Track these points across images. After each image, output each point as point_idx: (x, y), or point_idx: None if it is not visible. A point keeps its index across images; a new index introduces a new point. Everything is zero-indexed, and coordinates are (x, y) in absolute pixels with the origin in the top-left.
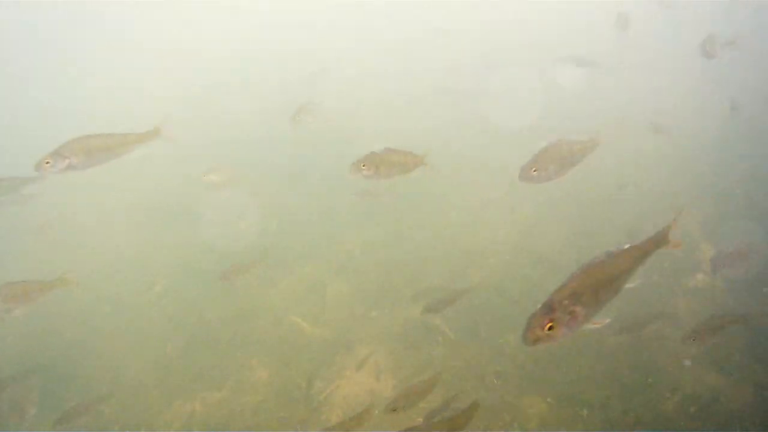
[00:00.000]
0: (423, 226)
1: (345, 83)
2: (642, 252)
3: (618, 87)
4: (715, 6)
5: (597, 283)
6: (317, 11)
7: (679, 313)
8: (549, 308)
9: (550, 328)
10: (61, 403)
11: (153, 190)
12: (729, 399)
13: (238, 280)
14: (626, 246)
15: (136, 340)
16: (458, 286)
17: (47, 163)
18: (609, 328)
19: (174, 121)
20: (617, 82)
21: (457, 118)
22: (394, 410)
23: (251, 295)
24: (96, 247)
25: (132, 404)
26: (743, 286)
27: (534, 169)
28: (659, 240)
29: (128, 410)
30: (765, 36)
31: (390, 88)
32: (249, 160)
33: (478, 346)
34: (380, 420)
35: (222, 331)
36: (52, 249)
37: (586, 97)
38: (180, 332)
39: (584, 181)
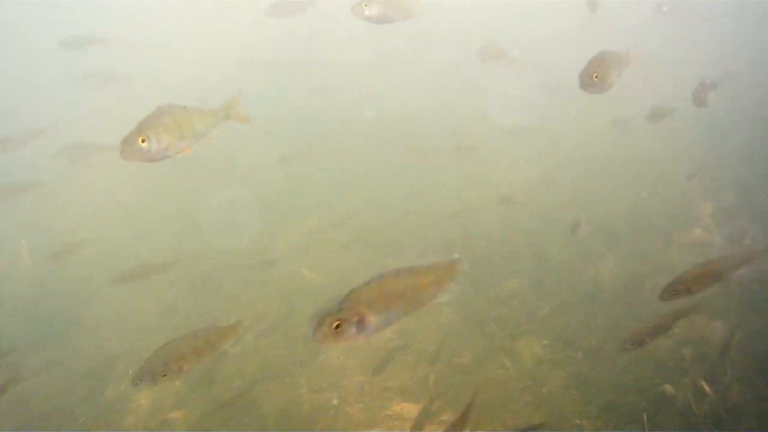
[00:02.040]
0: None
1: None
2: (436, 278)
3: None
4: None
5: (391, 295)
6: None
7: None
8: (339, 310)
9: (337, 327)
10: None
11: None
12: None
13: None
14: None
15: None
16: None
17: (143, 141)
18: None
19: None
20: None
21: None
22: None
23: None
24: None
25: (138, 344)
26: None
27: (595, 75)
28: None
29: (135, 347)
30: None
31: None
32: None
33: (478, 294)
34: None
35: (227, 275)
36: None
37: None
38: (193, 276)
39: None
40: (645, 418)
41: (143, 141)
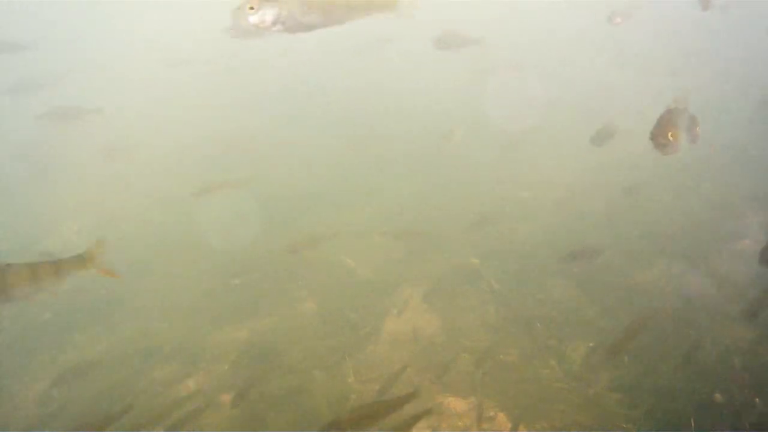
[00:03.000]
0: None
1: None
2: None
3: None
4: None
5: None
6: None
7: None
8: None
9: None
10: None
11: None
12: None
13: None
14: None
15: (187, 269)
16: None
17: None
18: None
19: None
20: None
21: None
22: None
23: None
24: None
25: (182, 327)
26: None
27: (670, 134)
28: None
29: (178, 332)
30: None
31: None
32: None
33: (524, 294)
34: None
35: (272, 263)
36: None
37: None
38: (236, 262)
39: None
40: (693, 423)
41: None
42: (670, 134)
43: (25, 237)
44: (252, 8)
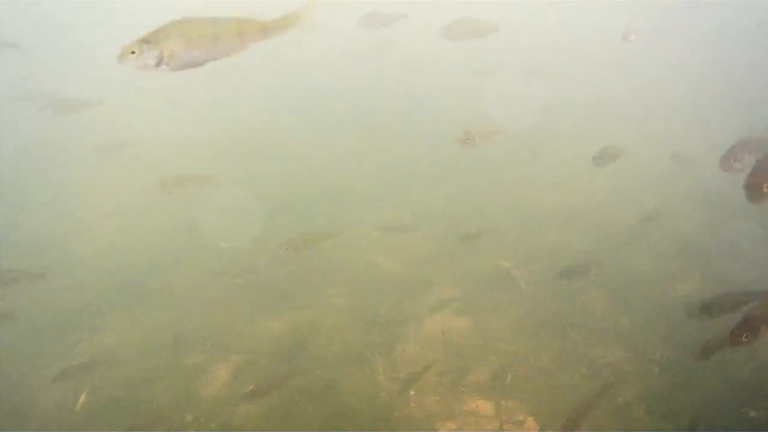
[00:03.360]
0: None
1: None
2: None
3: None
4: None
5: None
6: None
7: None
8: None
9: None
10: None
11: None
12: None
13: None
14: None
15: (219, 262)
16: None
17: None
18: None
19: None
20: None
21: None
22: None
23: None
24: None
25: (219, 317)
26: None
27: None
28: None
29: (215, 321)
30: None
31: None
32: None
33: (556, 300)
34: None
35: (308, 259)
36: None
37: None
38: (268, 257)
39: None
40: None
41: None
42: (766, 185)
43: None
44: (133, 53)
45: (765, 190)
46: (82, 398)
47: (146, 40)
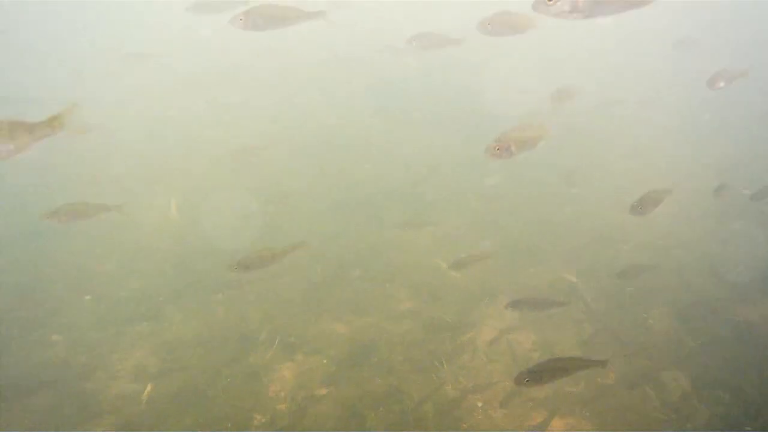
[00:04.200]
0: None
1: None
2: None
3: None
4: None
5: None
6: None
7: None
8: None
9: None
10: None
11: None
12: None
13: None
14: None
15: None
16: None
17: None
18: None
19: None
20: None
21: None
22: None
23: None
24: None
25: (281, 318)
26: None
27: None
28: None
29: (277, 322)
30: None
31: None
32: None
33: (621, 317)
34: None
35: (371, 261)
36: None
37: None
38: (331, 257)
39: None
40: None
41: None
42: None
43: None
44: None
45: None
46: (148, 389)
47: None
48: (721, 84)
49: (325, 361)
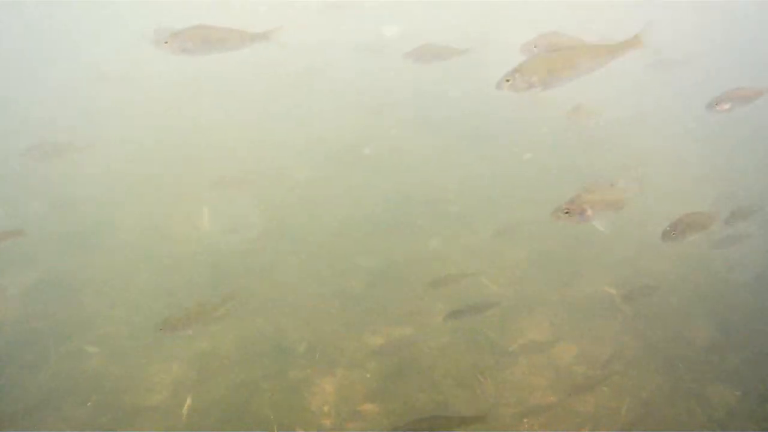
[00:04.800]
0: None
1: None
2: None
3: None
4: None
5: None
6: None
7: None
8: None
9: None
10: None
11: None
12: None
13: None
14: None
15: (318, 272)
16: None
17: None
18: None
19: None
20: None
21: None
22: None
23: (434, 245)
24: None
25: (319, 331)
26: None
27: None
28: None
29: (314, 335)
30: None
31: None
32: None
33: (663, 329)
34: None
35: (407, 271)
36: None
37: None
38: (367, 268)
39: None
40: None
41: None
42: None
43: None
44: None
45: None
46: (188, 402)
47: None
48: (727, 106)
49: (368, 375)
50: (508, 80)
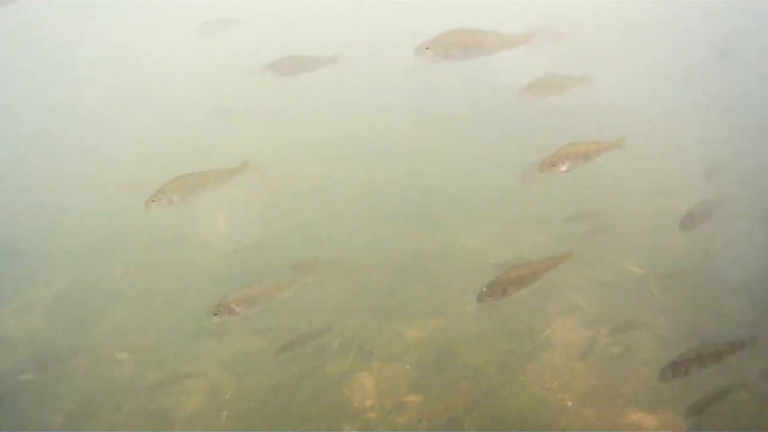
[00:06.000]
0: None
1: None
2: None
3: None
4: None
5: None
6: None
7: None
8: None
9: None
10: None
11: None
12: None
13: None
14: None
15: (345, 269)
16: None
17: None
18: None
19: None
20: None
21: None
22: None
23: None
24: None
25: (350, 326)
26: None
27: None
28: None
29: (346, 330)
30: None
31: None
32: None
33: (693, 309)
34: None
35: (432, 264)
36: None
37: None
38: (392, 262)
39: None
40: None
41: None
42: None
43: None
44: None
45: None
46: (227, 401)
47: None
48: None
49: (407, 367)
50: (427, 48)
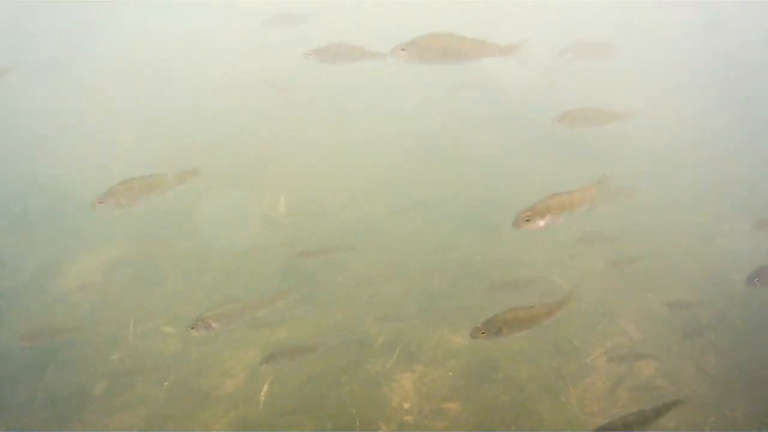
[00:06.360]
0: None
1: None
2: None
3: None
4: None
5: None
6: None
7: None
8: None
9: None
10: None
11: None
12: None
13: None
14: None
15: (399, 269)
16: None
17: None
18: None
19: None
20: None
21: None
22: None
23: (515, 247)
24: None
25: (397, 326)
26: None
27: None
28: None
29: (393, 330)
30: None
31: None
32: None
33: (745, 349)
34: None
35: (488, 272)
36: None
37: None
38: (447, 268)
39: None
40: None
41: None
42: None
43: None
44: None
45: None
46: (265, 389)
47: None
48: None
49: (450, 374)
50: (403, 49)
